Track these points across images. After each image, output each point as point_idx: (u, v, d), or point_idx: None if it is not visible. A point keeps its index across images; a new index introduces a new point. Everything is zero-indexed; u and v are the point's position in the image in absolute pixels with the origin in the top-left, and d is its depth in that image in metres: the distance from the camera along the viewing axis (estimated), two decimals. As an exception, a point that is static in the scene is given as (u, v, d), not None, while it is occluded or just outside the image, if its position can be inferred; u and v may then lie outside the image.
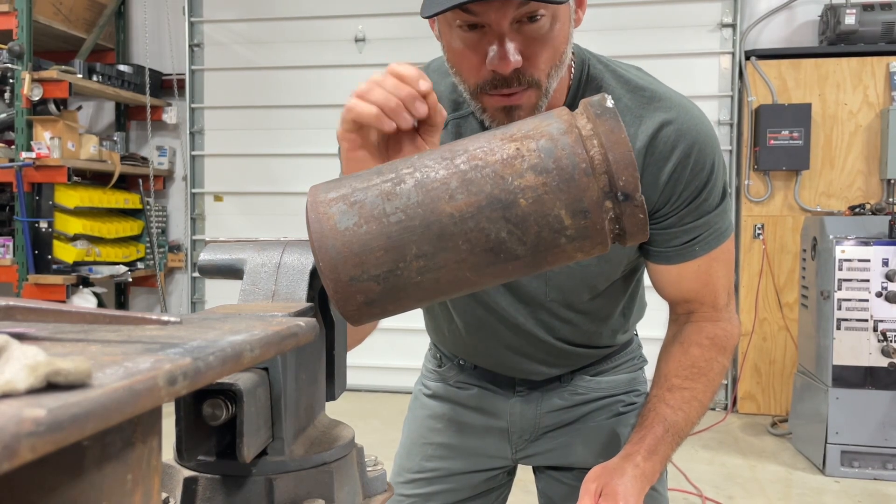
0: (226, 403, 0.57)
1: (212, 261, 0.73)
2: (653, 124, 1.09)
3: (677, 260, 1.15)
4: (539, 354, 1.28)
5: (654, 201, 1.11)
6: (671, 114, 1.10)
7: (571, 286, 1.19)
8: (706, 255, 1.14)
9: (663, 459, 1.13)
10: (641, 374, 1.40)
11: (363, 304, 0.64)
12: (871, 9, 4.37)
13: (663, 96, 1.11)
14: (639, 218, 0.64)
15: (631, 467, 1.09)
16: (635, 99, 1.11)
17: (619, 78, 1.13)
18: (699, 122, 1.12)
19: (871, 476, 3.44)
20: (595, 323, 1.26)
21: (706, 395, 1.17)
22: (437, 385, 1.41)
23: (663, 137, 1.09)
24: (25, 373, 0.31)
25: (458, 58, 1.01)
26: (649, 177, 1.10)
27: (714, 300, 1.19)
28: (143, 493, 0.42)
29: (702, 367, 1.17)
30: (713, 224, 1.13)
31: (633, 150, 1.07)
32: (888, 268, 3.46)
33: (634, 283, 1.28)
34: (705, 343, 1.18)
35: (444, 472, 1.38)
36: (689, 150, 1.09)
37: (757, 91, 4.57)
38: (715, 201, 1.13)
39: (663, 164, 1.09)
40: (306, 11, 5.09)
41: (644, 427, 1.14)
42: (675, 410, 1.14)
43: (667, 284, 1.19)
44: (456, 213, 0.62)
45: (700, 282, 1.17)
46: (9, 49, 4.46)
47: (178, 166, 5.52)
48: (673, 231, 1.13)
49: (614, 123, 0.63)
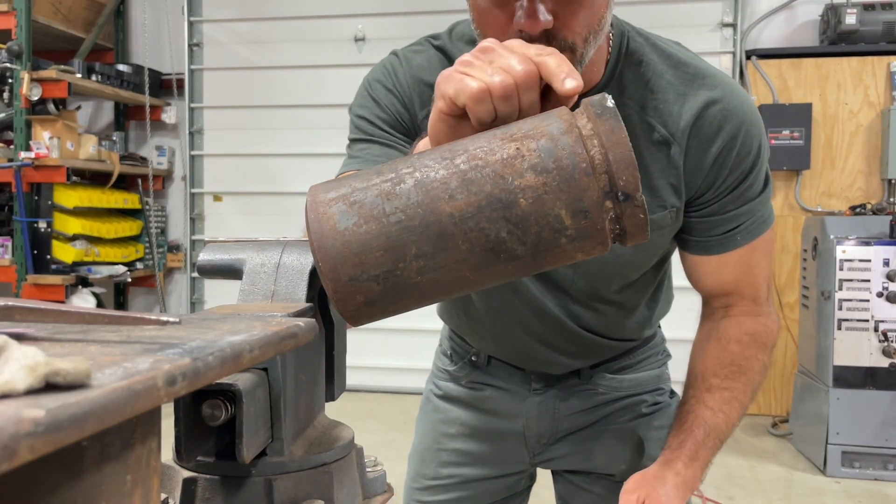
0: (225, 404, 0.57)
1: (211, 261, 0.73)
2: (698, 103, 1.03)
3: (718, 250, 1.08)
4: (560, 343, 1.20)
5: (698, 185, 1.05)
6: (717, 92, 1.03)
7: (602, 275, 1.12)
8: (748, 244, 1.08)
9: (704, 465, 1.09)
10: (665, 371, 1.33)
11: (363, 304, 0.64)
12: (871, 8, 4.37)
13: (707, 73, 1.05)
14: (639, 218, 0.64)
15: (672, 475, 1.05)
16: (678, 75, 1.04)
17: (661, 52, 1.06)
18: (746, 102, 1.05)
19: (871, 476, 3.44)
20: (621, 313, 1.20)
21: (746, 396, 1.11)
22: (449, 385, 1.35)
23: (709, 117, 1.02)
24: (24, 373, 0.31)
25: (484, 17, 0.91)
26: (693, 159, 1.03)
27: (755, 293, 1.13)
28: (143, 493, 0.42)
29: (742, 366, 1.11)
30: (756, 212, 1.07)
31: (678, 130, 1.05)
32: (889, 268, 3.46)
33: (662, 274, 1.22)
34: (745, 339, 1.12)
35: (461, 478, 1.33)
36: (735, 131, 1.02)
37: (757, 91, 4.57)
38: (759, 187, 1.06)
39: (708, 146, 1.03)
40: (306, 11, 5.09)
41: (683, 431, 1.09)
42: (716, 413, 1.09)
43: (705, 276, 1.13)
44: (456, 213, 0.62)
45: (741, 273, 1.11)
46: (8, 49, 4.46)
47: (178, 166, 5.52)
48: (714, 219, 1.06)
49: (615, 123, 0.63)
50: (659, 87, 1.04)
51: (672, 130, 1.03)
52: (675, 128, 1.03)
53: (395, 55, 1.13)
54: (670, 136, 1.03)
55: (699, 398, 1.11)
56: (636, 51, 1.05)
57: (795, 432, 3.94)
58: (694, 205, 1.07)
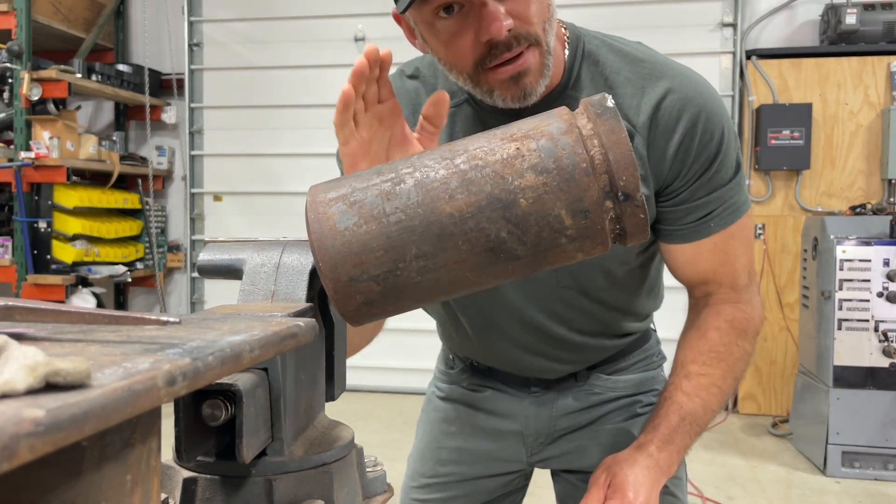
0: (225, 404, 0.57)
1: (211, 261, 0.73)
2: (656, 94, 1.05)
3: (692, 237, 1.09)
4: (552, 350, 1.22)
5: (664, 176, 1.06)
6: (674, 82, 1.05)
7: (584, 271, 1.13)
8: (722, 231, 1.09)
9: (680, 450, 1.08)
10: (660, 373, 1.35)
11: (363, 304, 0.64)
12: (871, 8, 4.37)
13: (666, 66, 1.07)
14: (639, 218, 0.64)
15: (643, 457, 1.05)
16: (635, 70, 1.06)
17: (618, 52, 1.08)
18: (704, 89, 1.07)
19: (871, 476, 3.44)
20: (611, 312, 1.21)
21: (726, 382, 1.11)
22: (450, 387, 1.37)
23: (667, 107, 1.04)
24: (24, 373, 0.31)
25: (448, 47, 0.96)
26: (656, 151, 1.05)
27: (733, 281, 1.13)
28: (143, 493, 0.42)
29: (720, 353, 1.12)
30: (728, 198, 1.08)
31: (639, 123, 1.07)
32: (889, 268, 3.46)
33: (653, 271, 1.23)
34: (723, 327, 1.13)
35: (459, 476, 1.35)
36: (695, 118, 1.04)
37: (758, 91, 4.57)
38: (728, 173, 1.07)
39: (670, 135, 1.05)
40: (306, 11, 5.09)
41: (658, 416, 1.09)
42: (692, 398, 1.09)
43: (682, 265, 1.14)
44: (456, 213, 0.62)
45: (717, 261, 1.12)
46: (8, 49, 4.46)
47: (178, 166, 5.52)
48: (685, 207, 1.08)
49: (615, 123, 0.63)
50: (617, 83, 1.07)
51: (633, 123, 1.06)
52: (636, 120, 1.06)
53: None
54: (633, 128, 1.06)
55: (677, 384, 1.11)
56: (592, 52, 1.09)
57: (795, 432, 3.94)
58: (664, 194, 1.08)
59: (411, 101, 1.14)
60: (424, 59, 1.17)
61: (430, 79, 1.15)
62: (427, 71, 1.16)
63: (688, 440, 1.10)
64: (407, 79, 1.17)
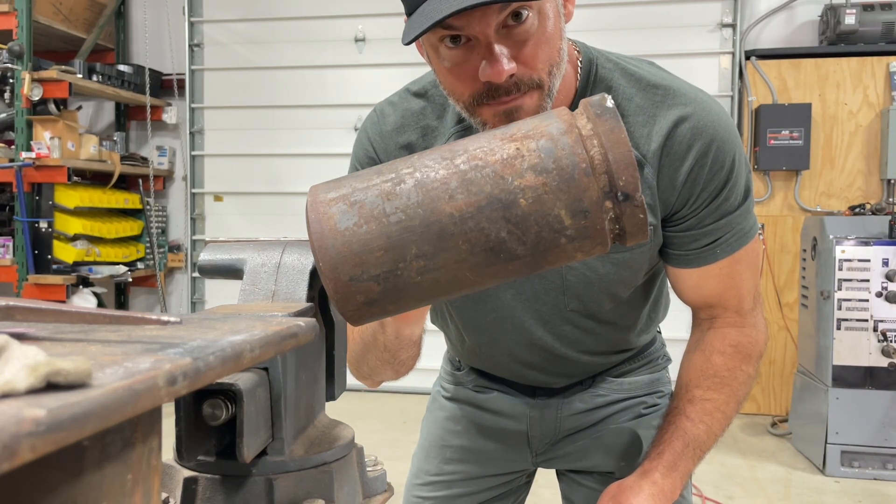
0: (226, 403, 0.57)
1: (212, 261, 0.73)
2: (667, 123, 1.04)
3: (698, 263, 1.09)
4: (559, 368, 1.23)
5: (672, 203, 1.06)
6: (686, 110, 1.04)
7: (591, 295, 1.13)
8: (728, 257, 1.08)
9: (684, 475, 1.09)
10: (665, 375, 1.35)
11: (363, 304, 0.64)
12: (871, 9, 4.37)
13: (678, 92, 1.06)
14: (639, 218, 0.64)
15: (648, 485, 1.06)
16: (648, 97, 1.05)
17: (630, 76, 1.07)
18: (717, 117, 1.05)
19: (871, 476, 3.44)
20: (618, 331, 1.21)
21: (730, 407, 1.11)
22: (456, 388, 1.38)
23: (679, 136, 1.03)
24: (25, 373, 0.31)
25: (450, 77, 0.95)
26: (666, 178, 1.04)
27: (738, 305, 1.13)
28: (143, 492, 0.42)
29: (724, 377, 1.11)
30: (735, 225, 1.07)
31: (649, 152, 1.07)
32: (888, 268, 3.46)
33: (657, 289, 1.24)
34: (728, 351, 1.13)
35: (463, 475, 1.35)
36: (706, 147, 1.03)
37: (757, 91, 4.57)
38: (737, 201, 1.07)
39: (680, 163, 1.04)
40: (306, 11, 5.09)
41: (663, 442, 1.09)
42: (696, 423, 1.09)
43: (687, 289, 1.14)
44: (456, 213, 0.62)
45: (723, 286, 1.11)
46: (9, 49, 4.46)
47: (178, 166, 5.52)
48: (693, 233, 1.07)
49: (614, 123, 0.63)
50: (628, 111, 1.05)
51: (643, 152, 1.05)
52: (646, 150, 1.05)
53: (375, 111, 1.18)
54: (642, 158, 1.05)
55: (681, 409, 1.12)
56: (605, 77, 1.07)
57: (795, 432, 3.94)
58: (671, 221, 1.08)
59: (417, 123, 1.13)
60: (434, 76, 1.17)
61: (437, 98, 1.13)
62: (435, 91, 1.13)
63: (691, 465, 1.10)
64: (412, 97, 1.15)
